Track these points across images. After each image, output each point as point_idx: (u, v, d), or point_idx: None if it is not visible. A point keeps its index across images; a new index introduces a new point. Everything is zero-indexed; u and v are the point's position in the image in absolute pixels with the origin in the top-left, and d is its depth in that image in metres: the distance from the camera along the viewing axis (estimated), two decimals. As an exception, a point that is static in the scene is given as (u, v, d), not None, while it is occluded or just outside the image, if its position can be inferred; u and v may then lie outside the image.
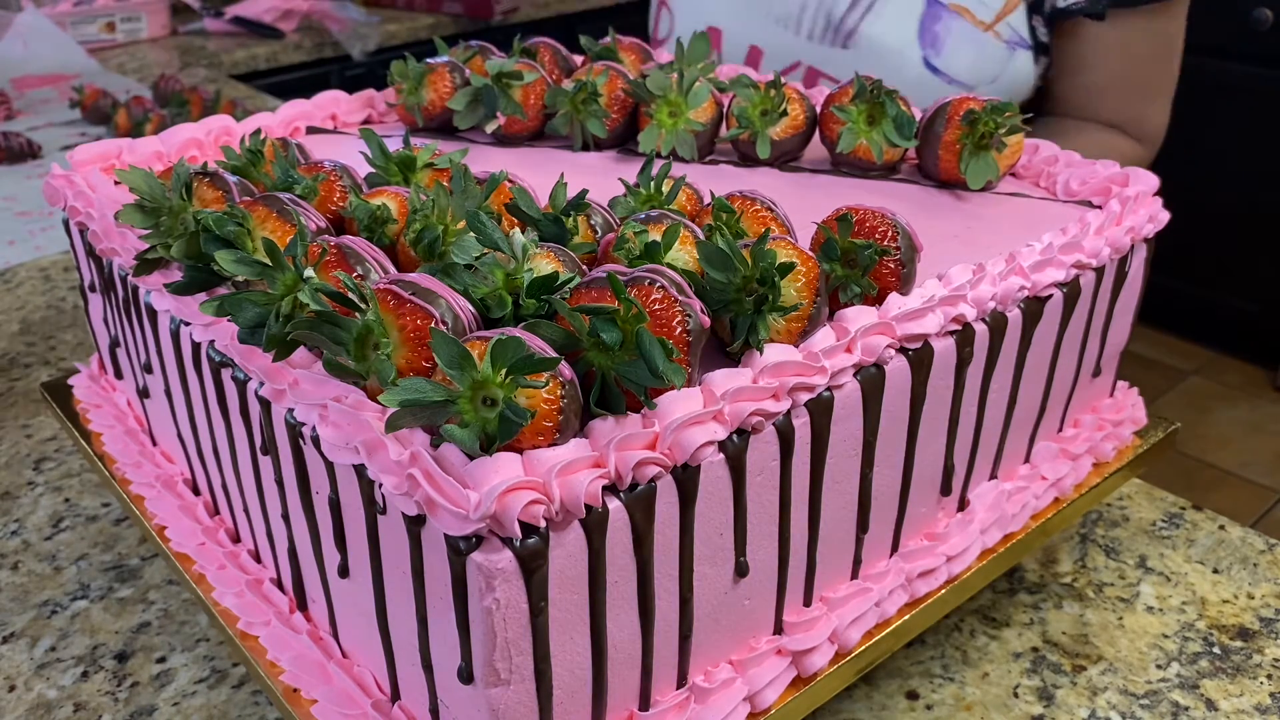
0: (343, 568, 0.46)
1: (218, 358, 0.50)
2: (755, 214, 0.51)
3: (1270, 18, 2.16)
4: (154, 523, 0.60)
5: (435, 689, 0.43)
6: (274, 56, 2.04)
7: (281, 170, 0.56)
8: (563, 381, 0.38)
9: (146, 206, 0.52)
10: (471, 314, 0.42)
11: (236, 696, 0.59)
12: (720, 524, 0.44)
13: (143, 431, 0.67)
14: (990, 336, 0.53)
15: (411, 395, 0.37)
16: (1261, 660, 0.62)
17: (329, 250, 0.45)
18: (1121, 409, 0.68)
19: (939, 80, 0.94)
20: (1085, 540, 0.71)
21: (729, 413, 0.42)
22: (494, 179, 0.52)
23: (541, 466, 0.37)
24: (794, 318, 0.45)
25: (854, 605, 0.52)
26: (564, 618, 0.40)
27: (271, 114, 0.75)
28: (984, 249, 0.57)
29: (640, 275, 0.42)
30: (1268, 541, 0.71)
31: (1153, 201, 0.63)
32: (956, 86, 0.94)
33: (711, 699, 0.47)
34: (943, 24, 0.94)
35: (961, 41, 0.94)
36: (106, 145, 0.66)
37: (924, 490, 0.55)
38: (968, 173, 0.64)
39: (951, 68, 0.94)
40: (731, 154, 0.71)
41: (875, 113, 0.65)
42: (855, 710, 0.58)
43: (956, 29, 0.93)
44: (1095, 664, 0.62)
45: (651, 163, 0.55)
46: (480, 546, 0.37)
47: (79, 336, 0.99)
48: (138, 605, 0.66)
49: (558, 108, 0.71)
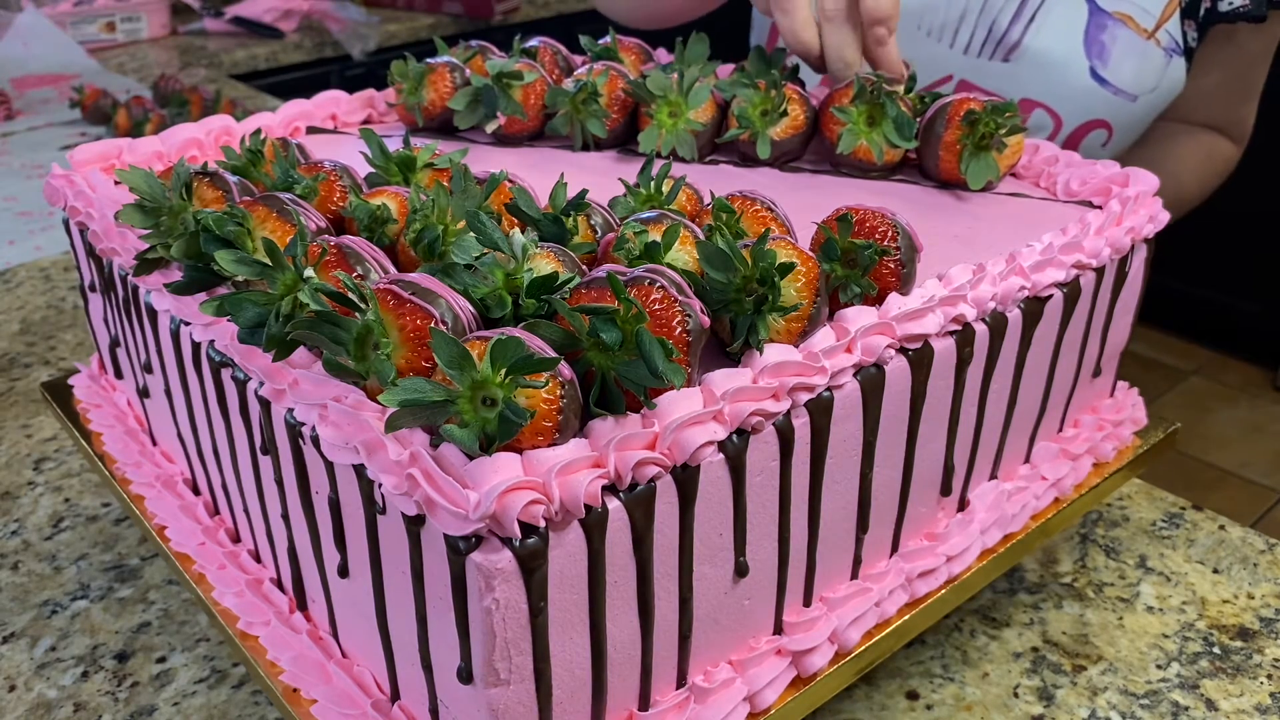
0: (342, 568, 0.46)
1: (218, 358, 0.50)
2: (755, 214, 0.51)
3: (1270, 18, 2.16)
4: (154, 523, 0.60)
5: (435, 689, 0.43)
6: (274, 56, 2.04)
7: (281, 170, 0.56)
8: (562, 381, 0.38)
9: (146, 206, 0.52)
10: (471, 314, 0.42)
11: (236, 696, 0.59)
12: (720, 524, 0.44)
13: (143, 431, 0.68)
14: (990, 336, 0.53)
15: (411, 395, 0.37)
16: (1261, 660, 0.62)
17: (329, 250, 0.45)
18: (1121, 409, 0.68)
19: (1106, 91, 0.92)
20: (1085, 540, 0.71)
21: (729, 413, 0.42)
22: (494, 179, 0.52)
23: (541, 466, 0.37)
24: (794, 318, 0.45)
25: (854, 605, 0.52)
26: (564, 618, 0.40)
27: (271, 114, 0.75)
28: (984, 249, 0.57)
29: (640, 275, 0.42)
30: (1268, 541, 0.71)
31: (1153, 201, 0.63)
32: (1122, 98, 0.92)
33: (711, 699, 0.47)
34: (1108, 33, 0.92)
35: (1127, 50, 0.92)
36: (106, 145, 0.66)
37: (924, 490, 0.55)
38: (968, 173, 0.64)
39: (1118, 77, 0.92)
40: (731, 154, 0.71)
41: (875, 113, 0.65)
42: (855, 710, 0.58)
43: (1122, 38, 0.91)
44: (1095, 664, 0.62)
45: (651, 163, 0.55)
46: (480, 546, 0.37)
47: (79, 336, 0.99)
48: (138, 605, 0.66)
49: (558, 108, 0.71)
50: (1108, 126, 0.93)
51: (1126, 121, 0.94)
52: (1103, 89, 0.92)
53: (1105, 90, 0.92)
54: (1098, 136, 0.94)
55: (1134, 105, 0.93)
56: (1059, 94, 0.90)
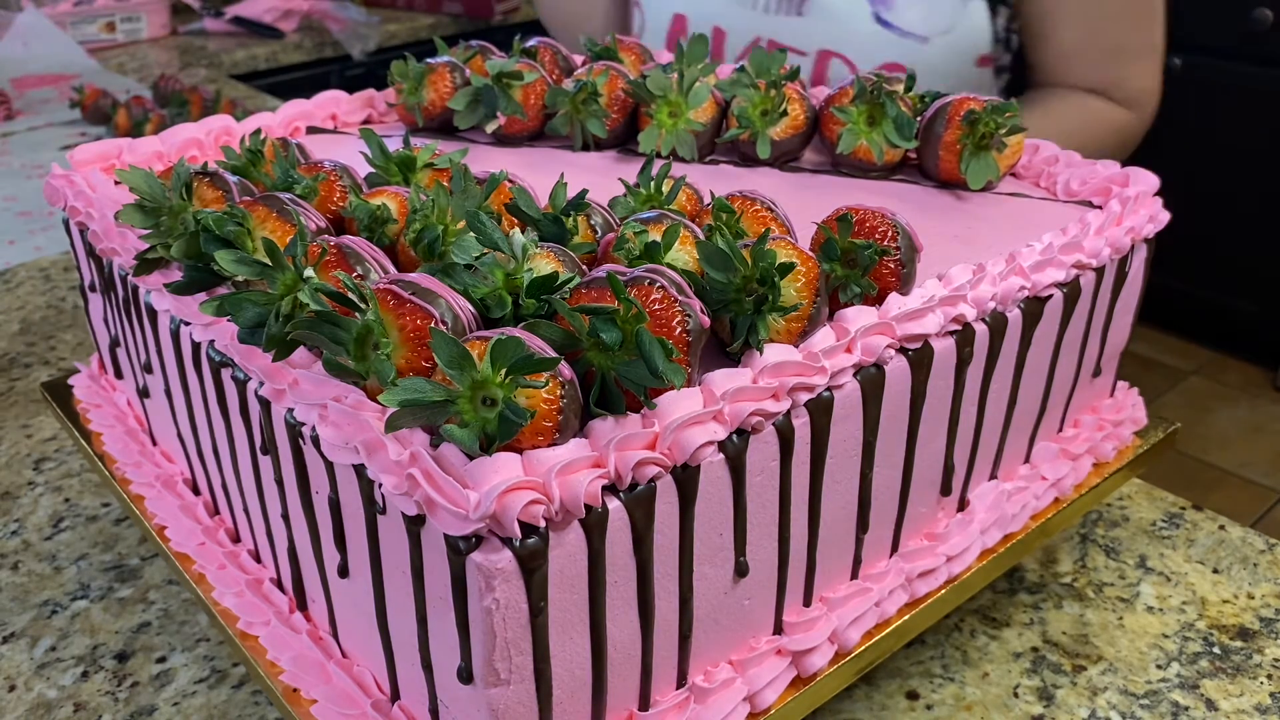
0: (342, 568, 0.46)
1: (218, 358, 0.50)
2: (755, 214, 0.51)
3: (1270, 18, 2.16)
4: (154, 523, 0.60)
5: (435, 689, 0.43)
6: (274, 56, 2.04)
7: (281, 170, 0.56)
8: (562, 381, 0.38)
9: (146, 206, 0.52)
10: (471, 314, 0.42)
11: (236, 696, 0.59)
12: (720, 524, 0.44)
13: (143, 431, 0.67)
14: (990, 336, 0.53)
15: (411, 395, 0.37)
16: (1261, 660, 0.62)
17: (329, 250, 0.45)
18: (1121, 409, 0.68)
19: (892, 34, 0.93)
20: (1085, 540, 0.71)
21: (729, 413, 0.42)
22: (494, 179, 0.52)
23: (541, 466, 0.37)
24: (794, 318, 0.45)
25: (854, 605, 0.52)
26: (564, 618, 0.40)
27: (271, 114, 0.75)
28: (984, 249, 0.57)
29: (640, 275, 0.42)
30: (1268, 541, 0.71)
31: (1153, 201, 0.63)
32: (911, 40, 0.93)
33: (711, 699, 0.47)
34: None
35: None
36: (106, 145, 0.66)
37: (924, 490, 0.55)
38: (968, 173, 0.64)
39: (903, 20, 0.93)
40: (731, 154, 0.71)
41: (875, 113, 0.65)
42: (855, 710, 0.58)
43: None
44: (1095, 664, 0.62)
45: (651, 163, 0.55)
46: (480, 546, 0.37)
47: (79, 336, 0.99)
48: (138, 605, 0.66)
49: (558, 108, 0.71)
50: (904, 71, 0.95)
51: (924, 65, 0.94)
52: (888, 31, 0.93)
53: (891, 33, 0.93)
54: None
55: (926, 48, 0.94)
56: (849, 41, 0.94)
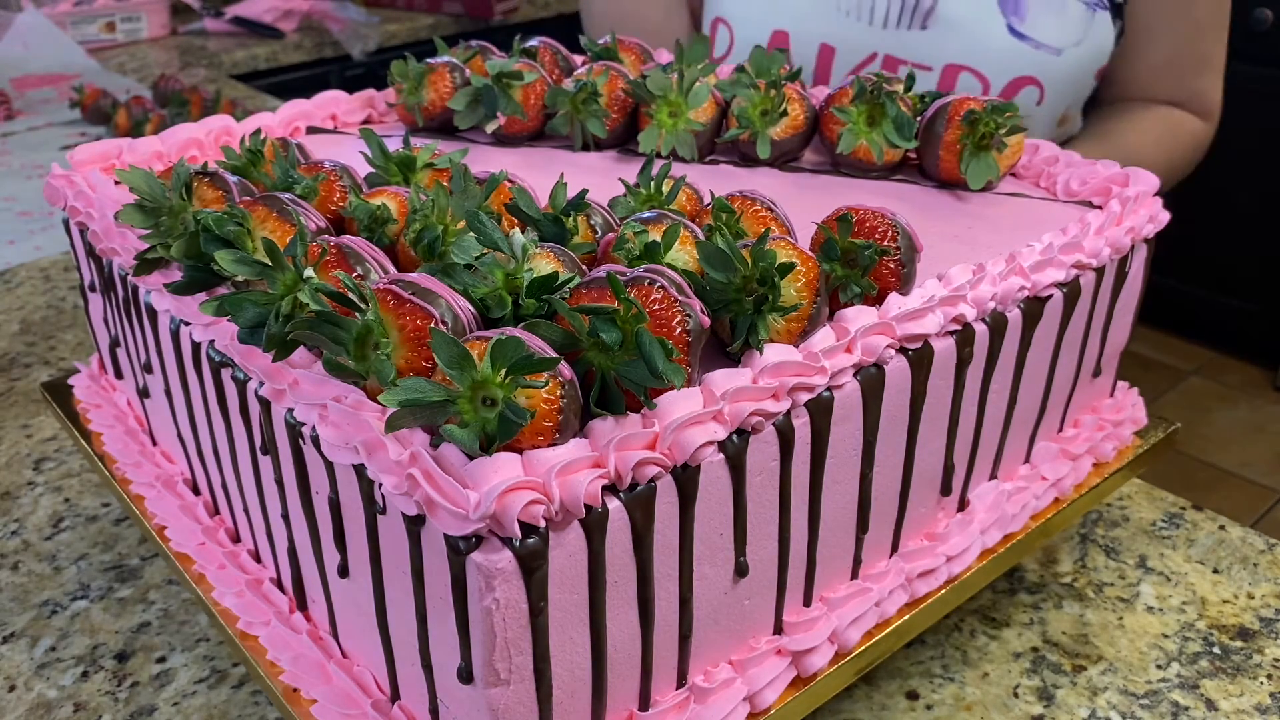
0: (342, 568, 0.46)
1: (218, 358, 0.50)
2: (755, 214, 0.51)
3: (1270, 18, 2.16)
4: (154, 523, 0.60)
5: (435, 689, 0.43)
6: (274, 56, 2.04)
7: (281, 170, 0.56)
8: (562, 381, 0.38)
9: (146, 206, 0.52)
10: (471, 314, 0.42)
11: (236, 696, 0.59)
12: (720, 524, 0.44)
13: (143, 431, 0.67)
14: (990, 336, 0.53)
15: (411, 395, 0.37)
16: (1261, 660, 0.62)
17: (329, 250, 0.45)
18: (1121, 409, 0.68)
19: (1026, 46, 0.92)
20: (1085, 540, 0.71)
21: (729, 413, 0.42)
22: (494, 179, 0.52)
23: (541, 466, 0.37)
24: (794, 318, 0.45)
25: (854, 605, 0.52)
26: (564, 618, 0.40)
27: (271, 114, 0.75)
28: (984, 249, 0.57)
29: (640, 275, 0.42)
30: (1268, 541, 0.71)
31: (1153, 202, 0.63)
32: (1045, 51, 0.92)
33: (711, 699, 0.47)
34: None
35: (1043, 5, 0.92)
36: (106, 145, 0.66)
37: (924, 490, 0.55)
38: (968, 173, 0.64)
39: (1037, 32, 0.92)
40: (731, 154, 0.71)
41: (875, 113, 0.65)
42: (855, 710, 0.58)
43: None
44: (1095, 664, 0.62)
45: (651, 163, 0.55)
46: (480, 546, 0.37)
47: (79, 336, 0.99)
48: (138, 605, 0.66)
49: (558, 108, 0.71)
50: (1037, 84, 0.93)
51: (1056, 77, 0.94)
52: (1023, 44, 0.92)
53: (1025, 45, 0.92)
54: (1030, 94, 0.94)
55: (1060, 60, 0.93)
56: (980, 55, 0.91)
